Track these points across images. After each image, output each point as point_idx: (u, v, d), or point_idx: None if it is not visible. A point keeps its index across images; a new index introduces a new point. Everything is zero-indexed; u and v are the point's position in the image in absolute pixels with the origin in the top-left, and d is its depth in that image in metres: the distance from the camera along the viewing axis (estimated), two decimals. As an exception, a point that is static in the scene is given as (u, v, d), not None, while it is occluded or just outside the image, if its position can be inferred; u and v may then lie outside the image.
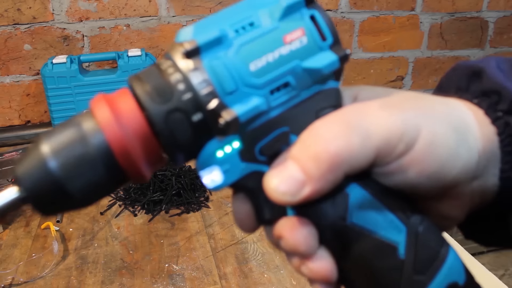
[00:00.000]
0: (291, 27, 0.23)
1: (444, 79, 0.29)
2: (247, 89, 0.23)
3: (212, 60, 0.22)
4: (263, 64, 0.23)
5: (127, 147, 0.22)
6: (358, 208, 0.23)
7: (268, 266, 0.68)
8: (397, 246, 0.22)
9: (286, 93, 0.24)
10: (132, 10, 1.16)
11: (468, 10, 1.43)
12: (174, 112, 0.22)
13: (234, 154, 0.24)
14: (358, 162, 0.21)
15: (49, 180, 0.22)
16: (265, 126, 0.24)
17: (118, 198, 0.87)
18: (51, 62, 1.03)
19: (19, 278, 0.66)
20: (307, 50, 0.23)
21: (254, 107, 0.22)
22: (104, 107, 0.23)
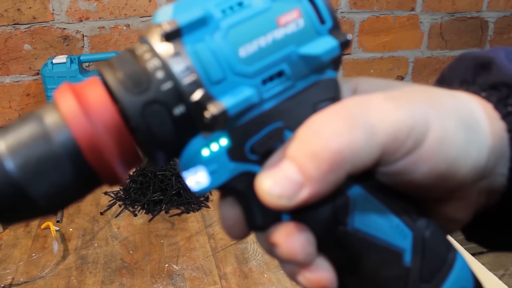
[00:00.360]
0: (286, 7, 0.20)
1: (446, 70, 0.27)
2: (236, 78, 0.19)
3: (196, 44, 0.19)
4: (255, 50, 0.20)
5: (97, 143, 0.19)
6: (360, 212, 0.20)
7: (268, 266, 0.68)
8: (403, 253, 0.20)
9: (280, 83, 0.21)
10: (132, 10, 1.16)
11: (468, 10, 1.43)
12: (152, 104, 0.19)
13: (221, 153, 0.21)
14: (362, 161, 0.19)
15: (6, 183, 0.18)
16: (256, 121, 0.20)
17: (118, 198, 0.87)
18: (51, 62, 1.03)
19: (19, 278, 0.66)
20: (304, 34, 0.20)
21: (244, 99, 0.19)
22: (70, 98, 0.19)
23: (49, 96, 1.04)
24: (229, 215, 0.24)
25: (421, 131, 0.19)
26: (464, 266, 0.21)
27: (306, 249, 0.20)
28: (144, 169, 0.90)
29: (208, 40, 0.19)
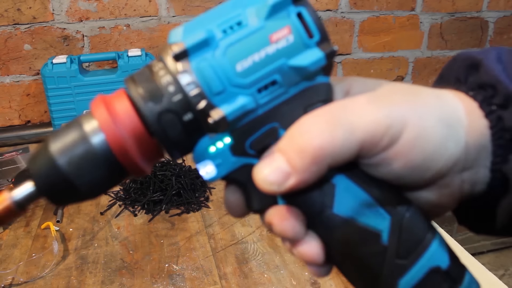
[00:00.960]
0: (277, 25, 0.23)
1: (445, 69, 0.29)
2: (234, 89, 0.23)
3: (200, 62, 0.23)
4: (249, 64, 0.23)
5: (124, 145, 0.24)
6: (344, 198, 0.24)
7: (268, 266, 0.68)
8: (381, 233, 0.24)
9: (274, 91, 0.24)
10: (132, 10, 1.16)
11: (468, 10, 1.43)
12: (166, 113, 0.23)
13: (225, 149, 0.25)
14: (341, 156, 0.22)
15: (58, 176, 0.24)
16: (254, 123, 0.25)
17: (118, 198, 0.87)
18: (51, 62, 1.03)
19: (19, 278, 0.66)
20: (294, 48, 0.24)
21: (240, 107, 0.23)
22: (102, 108, 0.24)
23: (49, 96, 1.04)
24: (232, 199, 0.28)
25: (397, 129, 0.22)
26: (440, 246, 0.24)
27: (296, 229, 0.24)
28: (144, 169, 0.90)
29: (210, 58, 0.23)
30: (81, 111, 1.07)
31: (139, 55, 1.06)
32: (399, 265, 0.24)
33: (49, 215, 0.82)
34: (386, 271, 0.24)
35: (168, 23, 1.19)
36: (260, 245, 0.73)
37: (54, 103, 1.05)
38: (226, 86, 0.23)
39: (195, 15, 1.20)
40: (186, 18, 1.20)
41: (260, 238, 0.74)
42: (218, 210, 0.83)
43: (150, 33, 1.19)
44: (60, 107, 1.06)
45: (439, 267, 0.24)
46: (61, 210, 0.83)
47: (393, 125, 0.22)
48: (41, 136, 1.15)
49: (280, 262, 0.69)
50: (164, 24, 1.19)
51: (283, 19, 0.23)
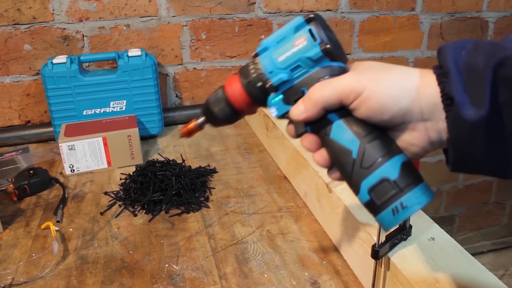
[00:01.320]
0: (298, 36, 0.42)
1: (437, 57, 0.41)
2: (278, 70, 0.43)
3: (262, 58, 0.45)
4: (284, 58, 0.43)
5: (237, 101, 0.47)
6: (335, 129, 0.42)
7: (268, 266, 0.68)
8: (352, 151, 0.41)
9: (300, 70, 0.43)
10: (132, 10, 1.16)
11: (468, 10, 1.43)
12: (251, 83, 0.45)
13: (280, 101, 0.44)
14: (328, 103, 0.41)
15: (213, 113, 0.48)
16: (292, 87, 0.44)
17: (118, 198, 0.87)
18: (51, 62, 1.03)
19: (19, 278, 0.66)
20: (307, 48, 0.42)
21: (280, 78, 0.43)
22: (227, 83, 0.47)
23: (49, 96, 1.04)
24: (288, 128, 0.47)
25: (359, 90, 0.39)
26: (392, 165, 0.39)
27: (313, 146, 0.44)
28: (144, 169, 0.90)
29: (267, 56, 0.44)
30: (81, 111, 1.07)
31: (139, 55, 1.06)
32: (362, 172, 0.40)
33: (49, 215, 0.82)
34: (354, 175, 0.41)
35: (168, 23, 1.19)
36: (260, 245, 0.73)
37: (54, 103, 1.05)
38: (274, 69, 0.43)
39: (195, 15, 1.20)
40: (186, 18, 1.20)
41: (260, 238, 0.74)
42: (218, 210, 0.83)
43: (150, 33, 1.19)
44: (60, 107, 1.06)
45: (388, 178, 0.39)
46: (61, 210, 0.83)
47: (356, 86, 0.39)
48: (41, 136, 1.15)
49: (280, 262, 0.69)
50: (164, 24, 1.19)
51: (302, 32, 0.42)
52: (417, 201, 0.38)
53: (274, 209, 0.83)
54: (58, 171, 0.99)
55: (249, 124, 1.22)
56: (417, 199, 0.38)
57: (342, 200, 0.68)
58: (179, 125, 1.23)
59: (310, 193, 0.81)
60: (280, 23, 1.28)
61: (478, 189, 1.79)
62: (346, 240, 0.68)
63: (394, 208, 0.39)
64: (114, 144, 0.97)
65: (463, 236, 1.89)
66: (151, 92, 1.09)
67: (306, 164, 0.81)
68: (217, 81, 1.30)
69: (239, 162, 1.01)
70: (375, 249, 0.54)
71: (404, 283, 0.53)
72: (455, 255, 0.55)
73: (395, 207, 0.39)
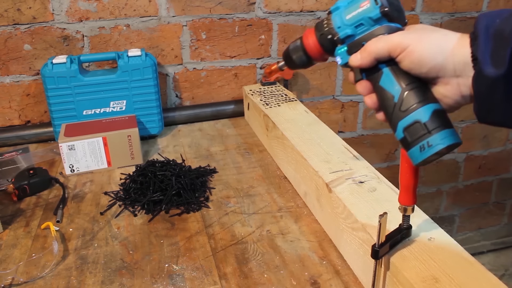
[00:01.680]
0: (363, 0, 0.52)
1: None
2: (345, 26, 0.53)
3: (334, 15, 0.54)
4: (351, 16, 0.52)
5: (311, 50, 0.58)
6: (383, 77, 0.51)
7: (268, 266, 0.68)
8: (394, 96, 0.50)
9: (363, 27, 0.52)
10: (132, 10, 1.16)
11: (468, 10, 1.43)
12: (323, 35, 0.56)
13: (344, 52, 0.54)
14: (380, 54, 0.50)
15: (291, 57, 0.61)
16: (356, 41, 0.53)
17: (118, 198, 0.87)
18: (51, 62, 1.03)
19: (19, 278, 0.66)
20: (369, 9, 0.51)
21: (346, 33, 0.53)
22: (305, 36, 0.58)
23: (49, 96, 1.04)
24: (349, 75, 0.56)
25: (404, 45, 0.48)
26: (424, 111, 0.47)
27: (366, 90, 0.53)
28: (144, 169, 0.90)
29: (339, 13, 0.54)
30: (81, 111, 1.07)
31: (139, 55, 1.06)
32: (400, 114, 0.49)
33: (49, 215, 0.82)
34: (394, 116, 0.50)
35: (168, 23, 1.19)
36: (260, 245, 0.73)
37: (54, 103, 1.05)
38: (341, 24, 0.53)
39: (195, 15, 1.20)
40: (186, 18, 1.20)
41: (260, 238, 0.74)
42: (218, 210, 0.83)
43: (150, 33, 1.19)
44: (60, 107, 1.06)
45: (420, 120, 0.47)
46: (61, 210, 0.83)
47: (402, 42, 0.48)
48: (41, 136, 1.15)
49: (280, 262, 0.69)
50: (164, 24, 1.19)
51: None
52: (441, 142, 0.45)
53: (274, 209, 0.83)
54: (58, 171, 0.99)
55: (249, 124, 1.22)
56: (441, 140, 0.45)
57: (342, 200, 0.68)
58: (179, 125, 1.23)
59: (310, 193, 0.81)
60: (280, 23, 1.28)
61: (478, 189, 1.79)
62: (346, 240, 0.68)
63: (422, 146, 0.47)
64: (114, 144, 0.97)
65: (463, 236, 1.89)
66: (151, 92, 1.09)
67: (306, 164, 0.81)
68: (217, 81, 1.30)
69: (239, 162, 1.01)
70: (375, 249, 0.54)
71: (404, 283, 0.53)
72: (455, 255, 0.55)
73: (422, 145, 0.46)
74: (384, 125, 1.52)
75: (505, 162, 1.76)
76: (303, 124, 0.97)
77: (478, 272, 0.52)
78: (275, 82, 1.27)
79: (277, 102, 1.11)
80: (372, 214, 0.64)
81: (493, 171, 1.77)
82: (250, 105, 1.19)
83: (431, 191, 1.73)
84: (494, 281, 0.51)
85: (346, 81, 1.42)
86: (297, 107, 1.08)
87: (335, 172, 0.76)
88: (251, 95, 1.18)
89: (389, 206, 0.65)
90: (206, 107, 1.27)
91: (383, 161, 1.59)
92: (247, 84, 1.32)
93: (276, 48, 1.31)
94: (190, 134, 1.18)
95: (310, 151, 0.84)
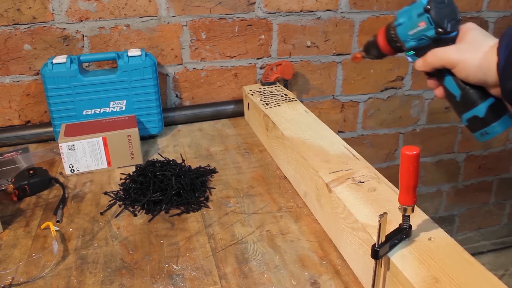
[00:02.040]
0: (421, 20, 0.60)
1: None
2: (409, 39, 0.63)
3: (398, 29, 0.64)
4: (412, 33, 0.62)
5: (383, 48, 0.69)
6: (447, 81, 0.61)
7: (268, 266, 0.68)
8: (456, 96, 0.60)
9: (423, 41, 0.61)
10: (132, 10, 1.16)
11: (468, 10, 1.43)
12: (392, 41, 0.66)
13: (412, 55, 0.64)
14: (436, 66, 0.60)
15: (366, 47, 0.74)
16: (420, 49, 0.63)
17: (118, 198, 0.87)
18: (51, 62, 1.03)
19: (19, 278, 0.66)
20: (426, 29, 0.60)
21: (410, 44, 0.63)
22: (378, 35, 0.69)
23: (49, 96, 1.04)
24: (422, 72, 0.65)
25: (454, 63, 0.58)
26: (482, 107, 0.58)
27: (434, 85, 0.64)
28: (144, 169, 0.90)
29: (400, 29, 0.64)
30: (81, 111, 1.07)
31: (139, 55, 1.06)
32: (462, 109, 0.60)
33: (49, 215, 0.82)
34: (458, 110, 0.61)
35: (168, 23, 1.19)
36: (260, 245, 0.73)
37: (54, 103, 1.05)
38: (406, 38, 0.63)
39: (195, 15, 1.20)
40: (186, 18, 1.20)
41: (260, 238, 0.74)
42: (218, 210, 0.83)
43: (150, 33, 1.19)
44: (60, 107, 1.06)
45: (478, 115, 0.59)
46: (61, 210, 0.83)
47: (453, 61, 0.58)
48: (41, 136, 1.15)
49: (280, 262, 0.69)
50: (164, 24, 1.19)
51: (423, 18, 0.59)
52: (495, 130, 0.58)
53: (274, 209, 0.83)
54: (58, 171, 0.99)
55: (249, 124, 1.22)
56: (496, 128, 0.58)
57: (342, 200, 0.68)
58: (179, 125, 1.23)
59: (310, 193, 0.81)
60: (280, 23, 1.28)
61: (478, 189, 1.79)
62: (346, 240, 0.68)
63: (481, 133, 0.59)
64: (114, 144, 0.97)
65: (463, 236, 1.89)
66: (151, 92, 1.09)
67: (306, 164, 0.81)
68: (217, 81, 1.30)
69: (239, 162, 1.01)
70: (375, 249, 0.54)
71: (404, 283, 0.53)
72: (455, 255, 0.55)
73: (481, 132, 0.59)
74: (384, 125, 1.52)
75: (505, 162, 1.76)
76: (303, 124, 0.97)
77: (478, 272, 0.52)
78: (275, 82, 1.27)
79: (277, 102, 1.11)
80: (372, 214, 0.64)
81: (493, 171, 1.77)
82: (250, 105, 1.19)
83: (431, 191, 1.73)
84: (494, 281, 0.51)
85: (346, 81, 1.42)
86: (297, 107, 1.08)
87: (335, 172, 0.76)
88: (251, 95, 1.18)
89: (389, 206, 0.65)
90: (206, 107, 1.27)
91: (383, 161, 1.59)
92: (247, 84, 1.32)
93: (276, 48, 1.31)
94: (190, 134, 1.18)
95: (310, 151, 0.84)
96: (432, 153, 1.64)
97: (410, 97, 1.50)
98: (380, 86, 1.46)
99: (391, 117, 1.52)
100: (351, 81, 1.42)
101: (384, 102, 1.49)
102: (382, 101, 1.48)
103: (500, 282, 0.50)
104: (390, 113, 1.51)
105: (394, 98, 1.49)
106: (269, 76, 1.27)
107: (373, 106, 1.48)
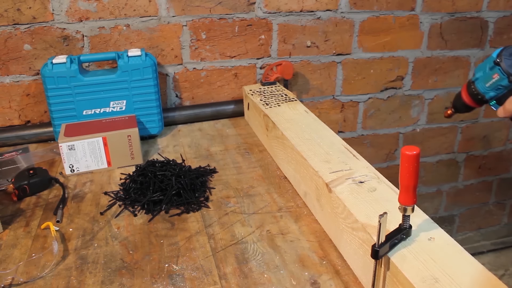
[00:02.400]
0: (494, 73, 0.77)
1: None
2: (487, 91, 0.81)
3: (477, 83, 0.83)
4: (489, 85, 0.80)
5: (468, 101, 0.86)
6: None
7: (268, 266, 0.68)
8: None
9: (500, 90, 0.78)
10: (132, 10, 1.16)
11: (468, 10, 1.43)
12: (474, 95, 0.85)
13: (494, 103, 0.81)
14: None
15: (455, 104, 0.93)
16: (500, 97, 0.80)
17: (118, 198, 0.87)
18: (51, 62, 1.03)
19: (19, 278, 0.66)
20: (500, 79, 0.76)
21: (490, 95, 0.81)
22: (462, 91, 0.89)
23: (49, 96, 1.04)
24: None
25: None
26: None
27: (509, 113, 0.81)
28: (144, 169, 0.90)
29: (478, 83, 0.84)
30: (81, 111, 1.07)
31: (139, 55, 1.06)
32: None
33: (49, 215, 0.82)
34: None
35: (168, 23, 1.19)
36: (260, 245, 0.73)
37: (54, 103, 1.05)
38: (485, 90, 0.81)
39: (195, 15, 1.20)
40: (186, 18, 1.20)
41: (260, 238, 0.74)
42: (218, 210, 0.83)
43: (150, 33, 1.19)
44: (60, 107, 1.06)
45: None
46: (61, 210, 0.83)
47: None
48: (41, 136, 1.15)
49: (280, 262, 0.69)
50: (164, 24, 1.19)
51: (495, 70, 0.76)
52: None
53: (274, 209, 0.83)
54: (58, 171, 0.99)
55: (249, 124, 1.22)
56: None
57: (342, 200, 0.68)
58: (179, 125, 1.23)
59: (310, 193, 0.81)
60: (280, 23, 1.28)
61: (478, 189, 1.79)
62: (346, 240, 0.68)
63: None
64: (114, 144, 0.97)
65: (463, 236, 1.89)
66: (151, 92, 1.09)
67: (306, 164, 0.81)
68: (217, 81, 1.30)
69: (239, 162, 1.01)
70: (375, 249, 0.54)
71: (404, 283, 0.53)
72: (455, 255, 0.55)
73: None
74: (384, 125, 1.52)
75: (505, 162, 1.76)
76: (303, 124, 0.97)
77: (478, 272, 0.52)
78: (275, 82, 1.27)
79: (277, 102, 1.11)
80: (372, 214, 0.64)
81: (493, 171, 1.77)
82: (250, 105, 1.19)
83: (431, 191, 1.73)
84: (494, 281, 0.51)
85: (346, 81, 1.42)
86: (297, 107, 1.08)
87: (335, 172, 0.76)
88: (251, 95, 1.18)
89: (389, 206, 0.65)
90: (206, 107, 1.27)
91: (383, 161, 1.59)
92: (247, 84, 1.32)
93: (276, 48, 1.31)
94: (190, 134, 1.18)
95: (310, 151, 0.84)
96: (432, 153, 1.64)
97: (410, 97, 1.50)
98: (380, 86, 1.46)
99: (391, 117, 1.52)
100: (351, 81, 1.42)
101: (384, 102, 1.49)
102: (382, 101, 1.48)
103: (500, 282, 0.50)
104: (390, 113, 1.51)
105: (394, 98, 1.49)
106: (269, 76, 1.27)
107: (373, 106, 1.48)
